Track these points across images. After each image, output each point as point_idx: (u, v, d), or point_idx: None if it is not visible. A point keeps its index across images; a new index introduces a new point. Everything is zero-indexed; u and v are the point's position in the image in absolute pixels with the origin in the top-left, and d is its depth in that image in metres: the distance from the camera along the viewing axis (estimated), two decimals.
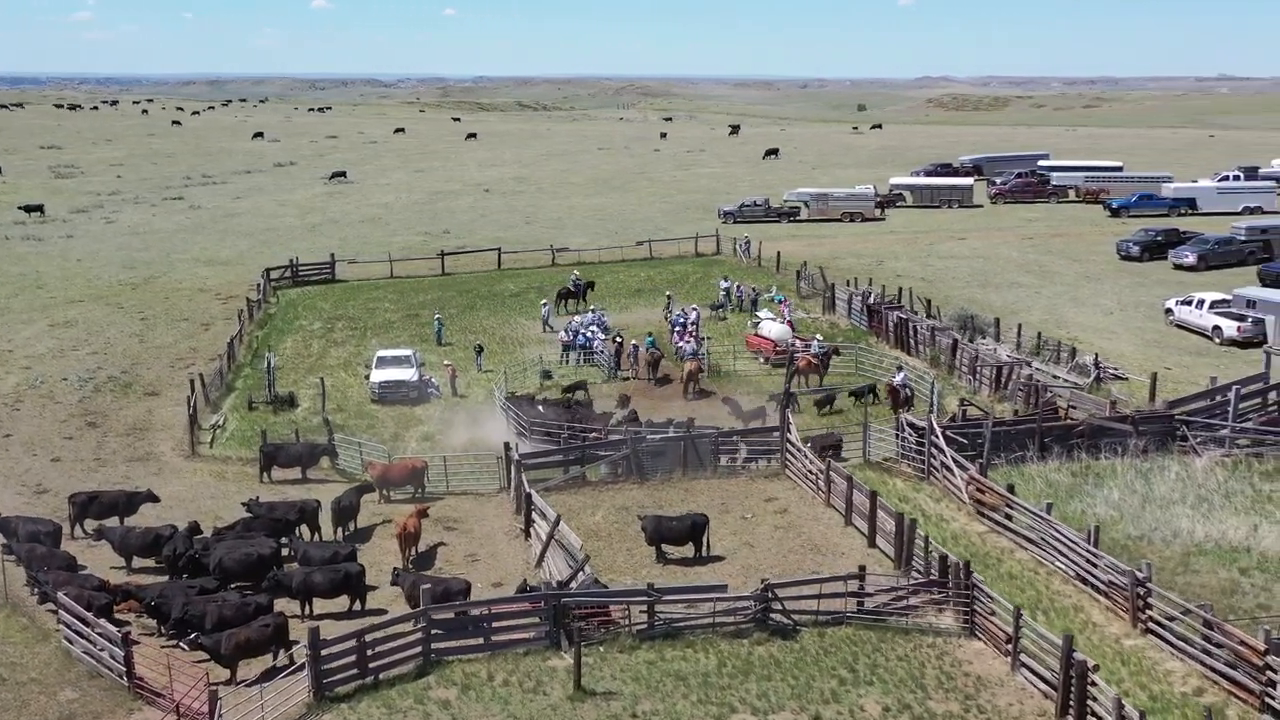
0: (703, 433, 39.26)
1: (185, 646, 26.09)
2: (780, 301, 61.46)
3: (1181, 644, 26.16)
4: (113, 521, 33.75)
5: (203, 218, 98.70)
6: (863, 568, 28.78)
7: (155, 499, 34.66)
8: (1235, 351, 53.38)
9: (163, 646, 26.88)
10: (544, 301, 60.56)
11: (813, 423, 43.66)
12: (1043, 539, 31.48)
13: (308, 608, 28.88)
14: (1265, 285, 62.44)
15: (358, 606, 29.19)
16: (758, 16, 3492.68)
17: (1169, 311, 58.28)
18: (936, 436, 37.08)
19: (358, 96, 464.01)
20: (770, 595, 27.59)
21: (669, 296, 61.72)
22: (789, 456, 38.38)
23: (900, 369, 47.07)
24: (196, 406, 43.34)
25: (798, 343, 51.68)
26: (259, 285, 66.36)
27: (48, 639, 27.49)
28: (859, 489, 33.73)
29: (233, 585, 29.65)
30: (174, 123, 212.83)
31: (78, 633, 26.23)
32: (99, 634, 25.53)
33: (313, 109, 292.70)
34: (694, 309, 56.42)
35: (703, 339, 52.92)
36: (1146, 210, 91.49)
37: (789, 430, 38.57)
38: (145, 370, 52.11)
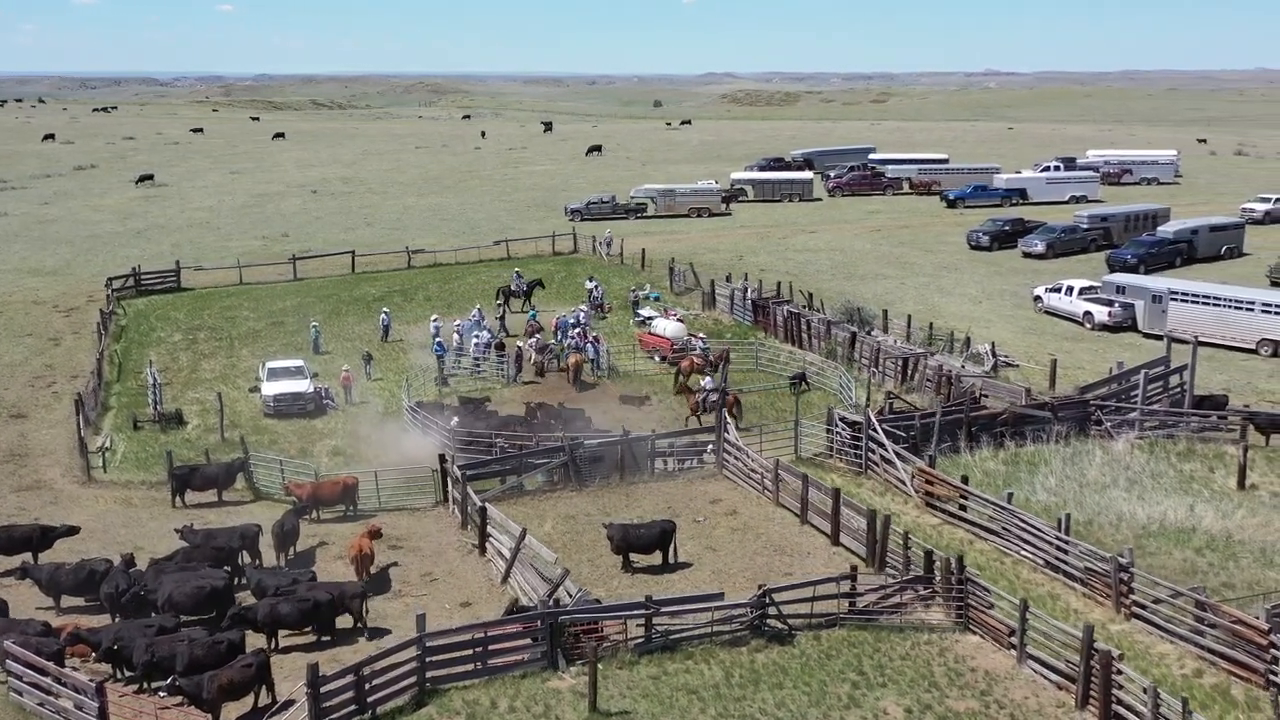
0: (641, 436, 38.39)
1: (164, 692, 23.90)
2: (656, 299, 61.05)
3: (1170, 627, 26.65)
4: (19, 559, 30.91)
5: (13, 225, 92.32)
6: (854, 568, 28.48)
7: (74, 531, 31.83)
8: (1107, 336, 55.36)
9: (121, 695, 24.61)
10: (384, 310, 58.17)
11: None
12: (1005, 529, 31.72)
13: (274, 641, 26.95)
14: (1113, 270, 65.03)
15: (326, 637, 27.40)
16: (541, 13, 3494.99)
17: (1038, 299, 60.08)
18: (876, 430, 37.10)
19: (133, 95, 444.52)
20: (768, 600, 26.99)
21: (501, 305, 59.05)
22: (726, 456, 37.86)
23: (710, 377, 46.70)
24: (81, 429, 40.24)
25: (693, 340, 51.25)
26: (108, 296, 62.38)
27: None
28: (817, 487, 33.44)
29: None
30: None
31: (32, 684, 23.77)
32: (65, 683, 23.16)
33: (98, 109, 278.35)
34: (582, 309, 55.49)
35: (597, 337, 51.80)
36: (981, 200, 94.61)
37: (726, 430, 38.05)
38: (3, 391, 48.24)
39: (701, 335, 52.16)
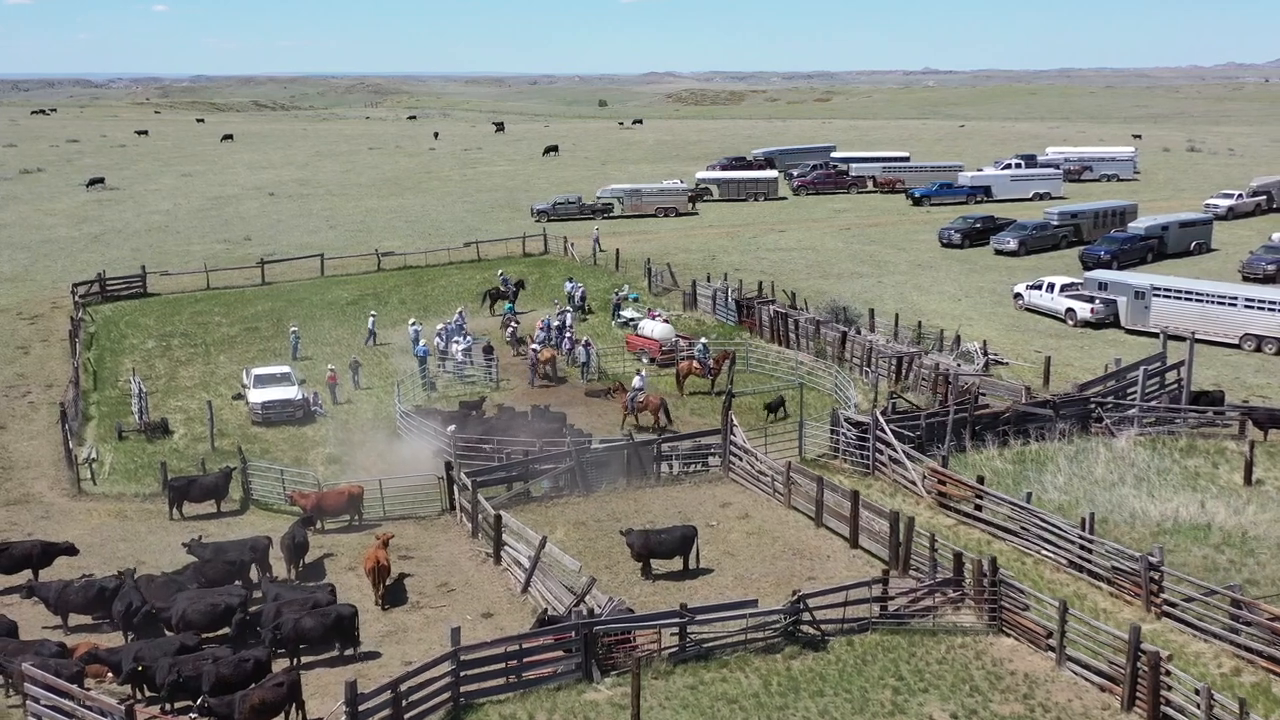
0: (648, 440, 37.89)
1: (194, 714, 23.07)
2: (635, 300, 60.50)
3: (1204, 625, 26.51)
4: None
5: None
6: (886, 571, 28.15)
7: (74, 551, 30.76)
8: (1090, 333, 55.51)
9: (150, 719, 23.72)
10: (371, 313, 57.25)
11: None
12: (1024, 529, 31.51)
13: (297, 658, 26.16)
14: (1087, 266, 65.34)
15: (350, 651, 26.68)
16: (479, 14, 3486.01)
17: (1018, 296, 60.15)
18: (884, 431, 36.82)
19: (69, 97, 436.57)
20: (802, 606, 26.57)
21: (460, 309, 57.40)
22: (732, 459, 37.43)
23: (640, 373, 46.25)
24: (69, 440, 39.10)
25: (682, 342, 50.79)
26: (75, 302, 60.93)
27: (5, 717, 23.93)
28: (832, 489, 33.10)
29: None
30: None
31: (52, 706, 22.84)
32: (90, 706, 22.28)
33: (37, 111, 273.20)
34: (567, 311, 54.92)
35: (588, 341, 51.12)
36: (946, 198, 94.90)
37: (732, 432, 37.60)
38: None
39: (702, 338, 51.32)
